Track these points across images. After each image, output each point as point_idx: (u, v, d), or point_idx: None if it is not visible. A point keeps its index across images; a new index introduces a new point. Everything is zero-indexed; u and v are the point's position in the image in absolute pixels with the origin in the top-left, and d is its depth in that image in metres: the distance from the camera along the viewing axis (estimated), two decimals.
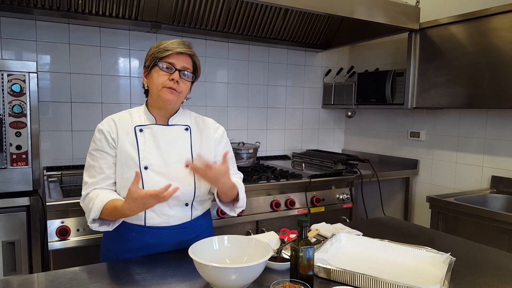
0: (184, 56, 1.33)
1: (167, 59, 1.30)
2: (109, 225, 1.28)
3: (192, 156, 1.38)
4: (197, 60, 1.39)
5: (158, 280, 1.14)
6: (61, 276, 1.15)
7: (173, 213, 1.34)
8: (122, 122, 1.36)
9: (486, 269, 1.26)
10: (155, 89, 1.32)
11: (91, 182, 1.31)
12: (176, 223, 1.35)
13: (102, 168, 1.31)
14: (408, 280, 1.06)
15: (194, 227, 1.39)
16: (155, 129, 1.37)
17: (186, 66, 1.33)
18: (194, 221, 1.40)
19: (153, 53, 1.33)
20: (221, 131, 1.50)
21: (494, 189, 2.43)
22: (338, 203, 2.63)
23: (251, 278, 1.08)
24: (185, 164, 1.32)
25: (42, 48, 2.36)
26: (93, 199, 1.25)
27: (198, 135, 1.43)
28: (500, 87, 2.17)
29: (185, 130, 1.41)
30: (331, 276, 1.13)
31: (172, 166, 1.34)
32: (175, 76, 1.30)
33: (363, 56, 3.39)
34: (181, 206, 1.36)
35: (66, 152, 2.48)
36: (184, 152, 1.38)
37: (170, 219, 1.34)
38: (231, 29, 2.73)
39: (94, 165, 1.32)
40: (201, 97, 2.92)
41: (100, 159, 1.32)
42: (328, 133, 3.59)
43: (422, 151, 2.94)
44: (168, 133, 1.38)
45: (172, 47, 1.31)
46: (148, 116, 1.39)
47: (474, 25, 2.28)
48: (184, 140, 1.40)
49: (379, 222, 1.85)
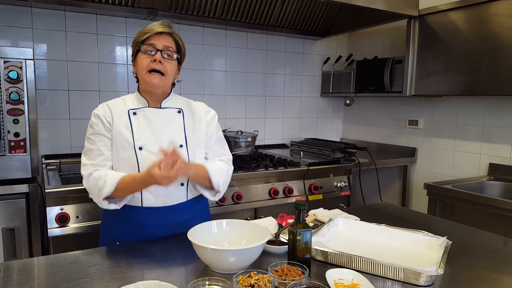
0: (165, 35, 1.35)
1: (147, 41, 1.33)
2: (116, 203, 1.31)
3: (186, 138, 1.41)
4: (179, 38, 1.40)
5: (158, 263, 1.15)
6: (61, 260, 1.16)
7: (169, 193, 1.37)
8: (116, 107, 1.40)
9: (481, 252, 1.28)
10: (140, 74, 1.36)
11: (91, 163, 1.33)
12: (172, 203, 1.38)
13: (101, 150, 1.34)
14: (404, 262, 1.07)
15: (190, 208, 1.42)
16: (148, 111, 1.40)
17: (167, 45, 1.35)
18: (190, 202, 1.43)
19: (135, 39, 1.36)
20: (212, 113, 1.53)
21: (492, 177, 2.44)
22: (336, 191, 2.64)
23: (249, 261, 1.09)
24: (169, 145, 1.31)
25: (38, 36, 2.34)
26: (103, 177, 1.28)
27: (190, 118, 1.46)
28: (498, 73, 2.17)
29: (177, 112, 1.44)
30: (328, 259, 1.15)
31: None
32: (157, 57, 1.32)
33: (361, 44, 3.38)
34: (177, 186, 1.38)
35: (64, 141, 2.48)
36: (178, 133, 1.41)
37: (167, 199, 1.37)
38: (228, 16, 2.71)
39: (92, 148, 1.34)
40: (199, 85, 2.91)
41: (98, 142, 1.34)
42: (326, 122, 3.59)
43: (420, 139, 2.94)
44: (161, 116, 1.41)
45: (150, 29, 1.33)
46: (141, 100, 1.42)
47: (473, 11, 2.27)
48: (177, 122, 1.43)
49: (376, 208, 1.86)
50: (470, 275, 1.11)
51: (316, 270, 1.11)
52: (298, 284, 0.95)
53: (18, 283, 1.02)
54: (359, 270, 1.08)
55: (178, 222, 1.38)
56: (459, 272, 1.12)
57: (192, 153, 1.41)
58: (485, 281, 1.07)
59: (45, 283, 1.03)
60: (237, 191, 2.28)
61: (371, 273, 1.09)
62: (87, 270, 1.09)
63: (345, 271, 1.05)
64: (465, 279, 1.08)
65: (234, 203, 2.27)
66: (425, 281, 1.02)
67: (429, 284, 1.03)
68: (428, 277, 1.02)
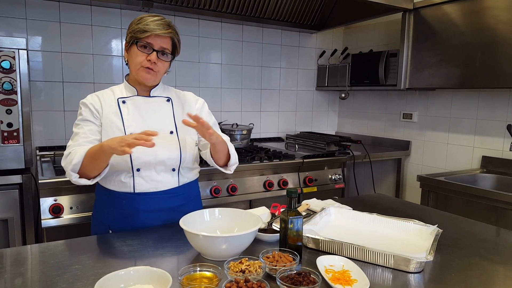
0: (164, 37, 1.33)
1: (145, 39, 1.31)
2: (89, 178, 1.28)
3: (176, 124, 1.42)
4: (177, 39, 1.39)
5: (150, 251, 1.15)
6: (52, 248, 1.17)
7: (161, 178, 1.38)
8: (105, 96, 1.41)
9: (472, 241, 1.29)
10: (133, 67, 1.36)
11: (74, 144, 1.32)
12: (164, 188, 1.39)
13: (86, 134, 1.34)
14: (395, 250, 1.08)
15: (182, 194, 1.44)
16: (138, 100, 1.41)
17: (164, 47, 1.34)
18: (182, 188, 1.44)
19: (133, 31, 1.33)
20: (201, 101, 1.54)
21: (484, 169, 2.46)
22: (331, 183, 2.65)
23: (241, 248, 1.10)
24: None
25: (33, 27, 2.32)
26: (75, 151, 1.26)
27: (179, 106, 1.47)
28: (492, 67, 2.18)
29: (166, 101, 1.45)
30: (320, 246, 1.16)
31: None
32: (152, 58, 1.32)
33: (357, 37, 3.38)
34: (168, 172, 1.39)
35: (59, 132, 2.47)
36: (168, 120, 1.42)
37: (158, 184, 1.38)
38: (224, 8, 2.70)
39: (78, 132, 1.34)
40: (195, 78, 2.90)
41: (85, 126, 1.35)
42: (322, 115, 3.59)
43: (414, 132, 2.96)
44: (150, 104, 1.42)
45: (151, 28, 1.30)
46: (130, 89, 1.42)
47: (467, 4, 2.27)
48: (166, 110, 1.44)
49: (369, 199, 1.87)
50: (459, 262, 1.12)
51: (307, 258, 1.12)
52: (289, 270, 0.95)
53: (9, 270, 1.02)
54: (350, 257, 1.09)
55: (170, 208, 1.39)
56: (449, 259, 1.13)
57: (182, 138, 1.42)
58: (474, 268, 1.09)
59: (36, 270, 1.03)
60: (232, 183, 2.28)
61: (362, 260, 1.10)
62: (78, 258, 1.10)
63: (336, 258, 1.06)
64: (455, 266, 1.09)
65: (229, 195, 2.28)
66: (415, 268, 1.03)
67: (419, 271, 1.05)
68: (418, 264, 1.03)
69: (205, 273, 0.95)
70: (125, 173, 1.35)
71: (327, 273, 0.99)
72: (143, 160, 1.34)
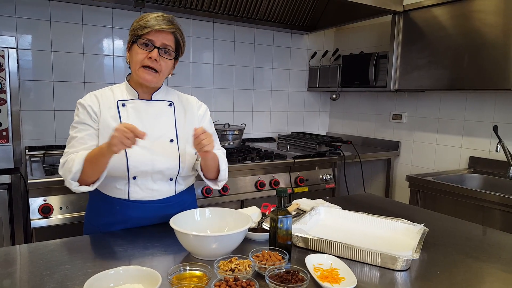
0: (165, 32, 1.29)
1: (146, 36, 1.27)
2: (89, 185, 1.25)
3: (177, 132, 1.39)
4: (180, 36, 1.34)
5: (140, 251, 1.16)
6: (42, 248, 1.16)
7: (157, 187, 1.35)
8: (104, 97, 1.35)
9: (458, 239, 1.32)
10: (134, 67, 1.31)
11: (71, 151, 1.28)
12: (160, 197, 1.36)
13: (84, 139, 1.30)
14: (383, 249, 1.10)
15: (178, 202, 1.40)
16: (138, 103, 1.36)
17: (166, 43, 1.29)
18: (178, 196, 1.41)
19: (134, 28, 1.30)
20: (204, 108, 1.50)
21: (472, 169, 2.51)
22: (321, 183, 2.67)
23: (231, 247, 1.11)
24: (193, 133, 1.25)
25: (22, 26, 2.30)
26: (73, 158, 1.23)
27: (181, 112, 1.43)
28: (479, 69, 2.22)
29: (168, 105, 1.41)
30: (309, 245, 1.17)
31: (156, 141, 1.34)
32: (153, 55, 1.27)
33: (348, 39, 3.41)
34: (166, 181, 1.37)
35: (49, 132, 2.45)
36: (168, 127, 1.38)
37: (154, 193, 1.35)
38: (216, 9, 2.70)
39: (76, 136, 1.30)
40: (187, 78, 2.90)
41: (83, 131, 1.30)
42: (313, 116, 3.62)
43: (403, 133, 3.00)
44: (151, 108, 1.37)
45: (151, 24, 1.26)
46: (130, 91, 1.37)
47: (456, 7, 2.31)
48: (168, 115, 1.39)
49: (358, 198, 1.89)
50: (445, 260, 1.14)
51: (297, 256, 1.14)
52: (278, 269, 0.97)
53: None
54: (338, 256, 1.10)
55: (164, 216, 1.33)
56: (435, 257, 1.16)
57: (182, 147, 1.37)
58: (459, 265, 1.11)
59: (25, 270, 1.03)
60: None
61: (350, 258, 1.12)
62: (68, 258, 1.10)
63: (324, 256, 1.08)
64: (441, 263, 1.12)
65: (220, 195, 2.29)
66: (401, 266, 1.05)
67: (405, 269, 1.07)
68: (405, 262, 1.05)
69: (195, 272, 0.96)
70: (121, 180, 1.31)
71: (315, 271, 1.00)
72: (140, 169, 1.30)
